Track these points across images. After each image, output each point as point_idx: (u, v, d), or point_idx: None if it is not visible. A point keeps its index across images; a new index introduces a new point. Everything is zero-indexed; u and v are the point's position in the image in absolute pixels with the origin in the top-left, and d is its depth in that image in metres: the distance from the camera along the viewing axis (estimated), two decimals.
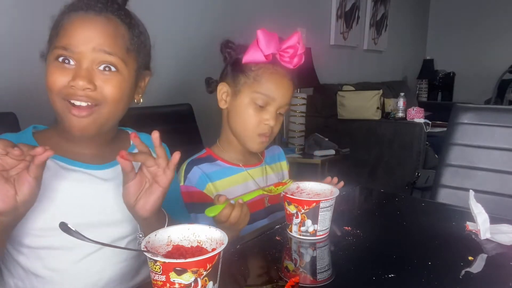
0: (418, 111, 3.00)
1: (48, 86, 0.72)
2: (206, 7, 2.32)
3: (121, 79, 0.74)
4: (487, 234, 0.83)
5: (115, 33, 0.73)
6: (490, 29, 4.91)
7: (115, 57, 0.73)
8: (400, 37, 4.84)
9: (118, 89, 0.74)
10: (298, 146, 2.75)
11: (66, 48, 0.71)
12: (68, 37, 0.71)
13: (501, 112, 1.43)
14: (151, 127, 0.94)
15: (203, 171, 1.01)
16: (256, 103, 0.98)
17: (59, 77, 0.71)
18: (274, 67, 0.99)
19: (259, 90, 0.98)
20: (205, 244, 0.61)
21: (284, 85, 1.00)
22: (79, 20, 0.72)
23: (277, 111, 1.00)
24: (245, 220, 0.84)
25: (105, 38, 0.72)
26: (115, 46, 0.73)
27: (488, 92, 4.33)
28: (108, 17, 0.73)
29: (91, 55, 0.71)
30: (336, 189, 0.87)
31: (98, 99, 0.72)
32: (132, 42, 0.76)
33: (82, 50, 0.71)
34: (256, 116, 0.99)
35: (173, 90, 2.12)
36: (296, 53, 0.98)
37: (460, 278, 0.68)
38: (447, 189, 1.43)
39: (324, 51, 3.47)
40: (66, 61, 0.71)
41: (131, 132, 0.77)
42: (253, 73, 0.98)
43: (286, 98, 1.01)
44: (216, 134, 1.12)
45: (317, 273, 0.73)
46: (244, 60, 0.98)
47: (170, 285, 0.52)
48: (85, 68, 0.71)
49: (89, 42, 0.71)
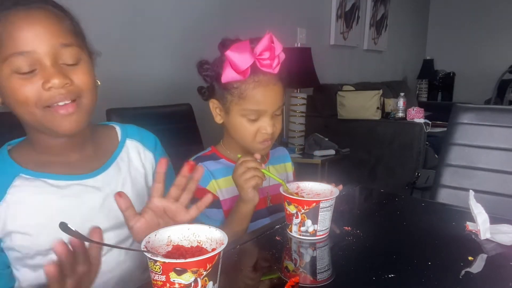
0: (418, 111, 3.00)
1: (20, 101, 0.66)
2: (206, 7, 2.32)
3: (86, 65, 0.71)
4: (487, 234, 0.83)
5: (60, 21, 0.68)
6: (490, 29, 4.91)
7: (73, 47, 0.69)
8: (400, 37, 4.84)
9: (89, 75, 0.71)
10: (298, 146, 2.75)
11: (21, 53, 0.64)
12: (18, 41, 0.64)
13: (501, 112, 1.43)
14: (151, 127, 0.94)
15: (208, 168, 1.02)
16: (249, 118, 0.97)
17: (30, 88, 0.65)
18: (256, 78, 0.95)
19: (247, 107, 0.96)
20: (205, 244, 0.61)
21: (271, 94, 0.97)
22: (20, 20, 0.65)
23: (272, 115, 0.99)
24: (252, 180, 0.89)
25: (56, 30, 0.67)
26: (67, 34, 0.68)
27: (488, 92, 4.33)
28: (41, 7, 0.67)
29: (52, 51, 0.66)
30: (336, 189, 0.87)
31: (77, 91, 0.69)
32: (73, 23, 0.72)
33: (40, 48, 0.65)
34: (252, 128, 0.98)
35: (173, 90, 2.12)
36: (274, 55, 0.94)
37: (460, 278, 0.68)
38: (447, 189, 1.43)
39: (324, 51, 3.47)
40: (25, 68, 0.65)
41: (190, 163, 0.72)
42: (237, 91, 0.96)
43: (277, 103, 0.98)
44: (216, 134, 1.12)
45: (317, 273, 0.73)
46: (223, 80, 0.95)
47: (170, 285, 0.52)
48: (52, 65, 0.66)
49: (44, 40, 0.65)
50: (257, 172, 0.90)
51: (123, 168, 0.82)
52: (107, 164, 0.80)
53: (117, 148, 0.83)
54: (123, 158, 0.83)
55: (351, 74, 3.87)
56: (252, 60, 0.92)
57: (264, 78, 0.96)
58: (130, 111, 1.58)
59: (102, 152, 0.81)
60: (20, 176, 0.72)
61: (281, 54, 0.95)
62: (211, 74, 1.00)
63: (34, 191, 0.72)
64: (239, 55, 0.91)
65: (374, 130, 3.04)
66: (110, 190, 0.77)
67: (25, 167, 0.73)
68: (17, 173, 0.72)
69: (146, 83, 2.04)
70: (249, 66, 0.92)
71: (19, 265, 0.73)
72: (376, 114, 3.05)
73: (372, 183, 2.99)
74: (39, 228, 0.71)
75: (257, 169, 0.90)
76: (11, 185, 0.71)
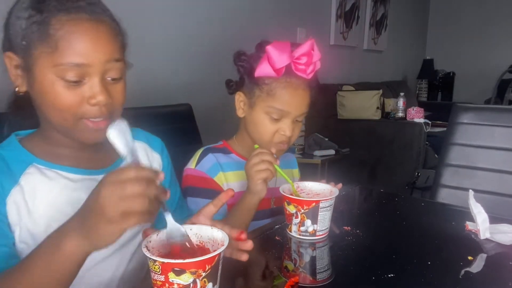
0: (418, 111, 3.00)
1: (57, 106, 0.66)
2: (206, 7, 2.32)
3: (124, 83, 0.72)
4: (486, 233, 0.83)
5: (115, 35, 0.69)
6: (490, 29, 4.91)
7: (121, 62, 0.70)
8: (400, 37, 4.84)
9: (124, 93, 0.72)
10: (298, 146, 2.75)
11: (78, 65, 0.64)
12: (77, 51, 0.64)
13: (501, 112, 1.43)
14: (151, 127, 0.94)
15: (218, 160, 1.03)
16: (272, 116, 0.98)
17: (73, 98, 0.66)
18: (288, 79, 0.97)
19: (273, 105, 0.97)
20: (207, 245, 0.61)
21: (298, 97, 0.98)
22: (82, 30, 0.64)
23: (294, 119, 1.00)
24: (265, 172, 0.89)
25: (113, 45, 0.68)
26: (120, 49, 0.70)
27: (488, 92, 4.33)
28: (100, 20, 0.67)
29: (104, 67, 0.67)
30: (335, 189, 0.87)
31: (113, 109, 0.70)
32: (124, 39, 0.72)
33: (95, 63, 0.65)
34: (272, 127, 0.99)
35: (173, 90, 2.12)
36: (310, 61, 0.96)
37: (460, 278, 0.68)
38: (447, 189, 1.43)
39: (324, 51, 3.43)
40: (74, 78, 0.65)
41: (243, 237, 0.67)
42: (267, 87, 0.97)
43: (302, 109, 0.99)
44: (216, 134, 1.12)
45: (317, 273, 0.73)
46: (256, 74, 0.96)
47: (169, 285, 0.52)
48: (100, 82, 0.67)
49: (102, 55, 0.66)
50: (270, 166, 0.90)
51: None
52: (117, 163, 0.81)
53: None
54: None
55: (351, 74, 3.87)
56: (289, 61, 0.94)
57: (296, 81, 0.97)
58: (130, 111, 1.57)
59: (111, 151, 0.82)
60: (33, 165, 0.71)
61: (317, 62, 0.97)
62: (246, 66, 1.02)
63: (46, 181, 0.71)
64: (279, 52, 0.93)
65: (374, 130, 3.04)
66: None
67: (38, 157, 0.73)
68: (31, 161, 0.72)
69: (146, 83, 2.04)
70: (284, 65, 0.94)
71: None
72: (376, 114, 3.05)
73: (372, 183, 2.99)
74: (48, 219, 0.70)
75: (270, 163, 0.90)
76: (25, 172, 0.70)
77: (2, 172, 0.69)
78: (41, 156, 0.73)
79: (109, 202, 0.50)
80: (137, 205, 0.50)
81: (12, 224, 0.68)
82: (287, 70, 0.95)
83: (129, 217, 0.50)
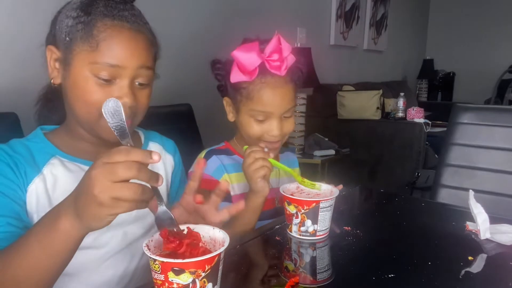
0: (418, 111, 3.00)
1: (86, 101, 0.71)
2: (206, 7, 2.32)
3: (150, 89, 0.78)
4: (486, 234, 0.83)
5: (151, 46, 0.76)
6: (490, 29, 4.91)
7: (151, 70, 0.75)
8: (400, 37, 4.84)
9: (149, 99, 0.78)
10: (298, 146, 2.75)
11: (113, 66, 0.70)
12: (115, 54, 0.70)
13: (501, 112, 1.43)
14: (151, 127, 0.94)
15: (222, 161, 1.03)
16: (256, 118, 0.98)
17: (102, 95, 0.70)
18: (263, 80, 0.95)
19: (254, 108, 0.96)
20: (208, 245, 0.61)
21: (278, 96, 0.96)
22: (122, 35, 0.71)
23: (280, 117, 0.99)
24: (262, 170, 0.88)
25: (148, 54, 0.74)
26: (152, 59, 0.76)
27: (488, 92, 4.33)
28: (140, 30, 0.73)
29: (135, 72, 0.72)
30: (336, 189, 0.87)
31: (136, 112, 0.75)
32: (157, 50, 0.79)
33: (129, 67, 0.71)
34: (259, 128, 0.98)
35: (173, 90, 2.11)
36: (282, 57, 0.93)
37: (460, 278, 0.68)
38: (447, 189, 1.43)
39: (324, 51, 3.47)
40: (106, 77, 0.70)
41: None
42: (245, 91, 0.96)
43: (285, 105, 0.97)
44: (216, 134, 1.12)
45: (317, 273, 0.73)
46: (231, 81, 0.95)
47: (168, 285, 0.52)
48: (129, 85, 0.72)
49: (136, 61, 0.72)
50: (265, 162, 0.90)
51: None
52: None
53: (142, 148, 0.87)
54: None
55: (351, 74, 3.87)
56: (259, 61, 0.92)
57: (272, 80, 0.95)
58: None
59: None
60: (56, 157, 0.76)
61: (290, 56, 0.95)
62: (222, 73, 1.01)
63: (68, 172, 0.75)
64: (246, 55, 0.91)
65: (374, 130, 3.04)
66: None
67: (61, 150, 0.77)
68: (54, 153, 0.76)
69: None
70: (256, 67, 0.92)
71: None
72: (376, 114, 3.05)
73: (372, 183, 2.99)
74: None
75: (264, 159, 0.90)
76: (48, 162, 0.75)
77: (27, 161, 0.73)
78: (64, 149, 0.77)
79: (100, 186, 0.49)
80: (129, 192, 0.49)
81: (30, 212, 0.72)
82: (261, 70, 0.93)
83: (120, 203, 0.50)
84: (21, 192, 0.71)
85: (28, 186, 0.72)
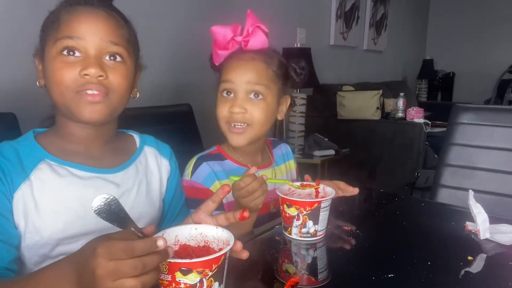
0: (418, 111, 3.00)
1: (56, 81, 0.72)
2: (206, 7, 2.32)
3: (126, 69, 0.76)
4: (486, 234, 0.83)
5: (117, 25, 0.76)
6: (490, 29, 4.91)
7: (121, 47, 0.75)
8: (400, 37, 4.84)
9: (125, 78, 0.76)
10: (298, 146, 2.75)
11: (71, 37, 0.71)
12: (73, 27, 0.71)
13: (501, 112, 1.43)
14: (151, 127, 0.94)
15: (212, 168, 1.00)
16: (223, 94, 1.00)
17: (68, 71, 0.71)
18: (236, 55, 1.00)
19: (221, 79, 1.00)
20: (212, 244, 0.61)
21: (243, 68, 0.98)
22: (81, 13, 0.73)
23: (248, 95, 0.98)
24: (260, 198, 0.80)
25: (110, 29, 0.74)
26: (119, 37, 0.75)
27: (488, 92, 4.33)
28: (107, 11, 0.75)
29: (99, 45, 0.72)
30: (330, 188, 0.86)
31: (108, 87, 0.73)
32: (130, 34, 0.79)
33: (89, 39, 0.71)
34: (224, 106, 0.99)
35: (173, 90, 2.12)
36: (248, 31, 0.99)
37: (460, 278, 0.68)
38: (447, 189, 1.43)
39: (324, 51, 3.47)
40: (71, 53, 0.71)
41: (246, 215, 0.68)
42: (221, 66, 1.02)
43: (248, 80, 0.97)
44: (216, 134, 1.11)
45: (317, 273, 0.73)
46: (215, 61, 1.02)
47: (175, 285, 0.52)
48: (94, 57, 0.72)
49: (96, 33, 0.72)
50: (263, 186, 0.81)
51: (141, 170, 0.85)
52: (127, 164, 0.83)
53: (136, 152, 0.87)
54: (141, 161, 0.87)
55: (351, 74, 3.87)
56: (231, 35, 0.98)
57: (243, 55, 0.99)
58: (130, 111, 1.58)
59: (122, 152, 0.85)
60: (45, 161, 0.75)
61: (255, 29, 1.00)
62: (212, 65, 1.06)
63: (56, 177, 0.74)
64: (222, 29, 0.99)
65: (373, 130, 3.04)
66: (127, 188, 0.80)
67: (51, 154, 0.76)
68: (43, 157, 0.75)
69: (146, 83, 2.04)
70: (229, 40, 0.98)
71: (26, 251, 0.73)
72: (376, 114, 3.05)
73: (372, 183, 2.99)
74: (55, 215, 0.72)
75: (261, 184, 0.81)
76: (36, 167, 0.73)
77: (14, 167, 0.71)
78: (53, 152, 0.76)
79: (105, 280, 0.46)
80: (135, 282, 0.47)
81: (17, 219, 0.70)
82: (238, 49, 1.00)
83: None
84: (7, 200, 0.69)
85: (14, 193, 0.70)
